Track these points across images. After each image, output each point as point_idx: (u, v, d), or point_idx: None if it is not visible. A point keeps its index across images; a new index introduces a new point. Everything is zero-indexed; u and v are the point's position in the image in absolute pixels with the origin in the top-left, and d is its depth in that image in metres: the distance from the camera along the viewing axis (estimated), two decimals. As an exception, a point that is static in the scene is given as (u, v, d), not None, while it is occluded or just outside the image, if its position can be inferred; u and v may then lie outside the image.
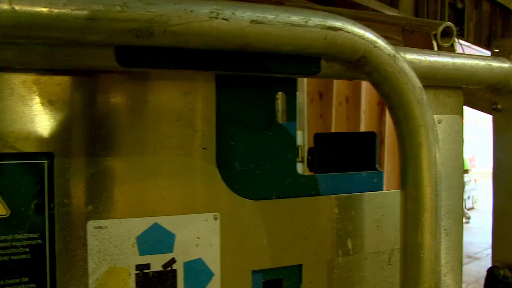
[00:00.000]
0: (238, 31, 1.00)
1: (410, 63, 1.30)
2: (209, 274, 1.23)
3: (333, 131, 9.61)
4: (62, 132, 1.10)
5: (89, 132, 1.13)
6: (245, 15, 1.00)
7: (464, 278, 6.56)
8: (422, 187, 1.17)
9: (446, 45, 1.66)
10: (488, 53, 8.50)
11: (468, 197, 15.78)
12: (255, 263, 1.28)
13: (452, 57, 1.42)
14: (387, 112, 11.11)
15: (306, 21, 1.04)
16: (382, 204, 1.44)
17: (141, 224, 1.17)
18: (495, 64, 1.51)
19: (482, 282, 5.92)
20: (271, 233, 1.29)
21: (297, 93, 3.37)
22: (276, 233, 1.30)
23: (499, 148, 1.65)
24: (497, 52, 1.61)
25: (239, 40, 1.01)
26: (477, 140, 21.24)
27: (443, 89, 1.53)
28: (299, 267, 1.34)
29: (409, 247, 1.19)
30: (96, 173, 1.14)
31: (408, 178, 1.19)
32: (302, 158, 3.82)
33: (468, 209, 15.56)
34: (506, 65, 1.53)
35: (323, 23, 1.06)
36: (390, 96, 1.16)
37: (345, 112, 9.91)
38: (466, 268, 8.75)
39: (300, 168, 3.65)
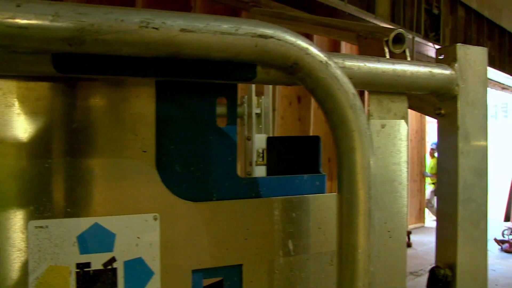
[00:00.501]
0: (168, 40, 1.03)
1: (349, 69, 1.35)
2: (149, 273, 1.26)
3: (311, 134, 9.66)
4: (1, 134, 1.13)
5: (30, 135, 1.16)
6: (175, 24, 1.03)
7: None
8: (356, 190, 1.21)
9: (397, 51, 1.69)
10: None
11: (444, 201, 15.85)
12: (195, 263, 1.31)
13: (393, 63, 1.46)
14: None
15: (237, 29, 1.08)
16: (323, 206, 1.49)
17: (82, 224, 1.20)
18: (437, 70, 1.55)
19: None
20: (211, 233, 1.33)
21: (263, 97, 3.41)
22: (216, 233, 1.34)
23: (442, 152, 1.69)
24: (442, 59, 1.66)
25: (169, 48, 1.05)
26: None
27: (386, 94, 1.56)
28: (239, 267, 1.37)
29: (344, 248, 1.23)
30: (37, 174, 1.17)
31: (343, 181, 1.23)
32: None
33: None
34: (447, 71, 1.58)
35: (254, 31, 1.10)
36: (324, 102, 1.20)
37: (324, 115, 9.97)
38: (442, 270, 8.81)
39: (264, 171, 3.68)
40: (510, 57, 11.60)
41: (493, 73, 11.50)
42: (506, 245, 11.03)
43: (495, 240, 11.37)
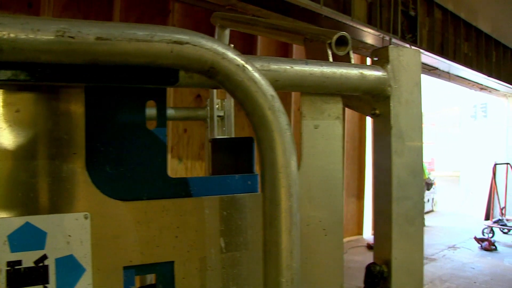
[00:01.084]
0: (84, 48, 1.08)
1: (276, 72, 1.40)
2: (81, 270, 1.31)
3: (291, 136, 9.70)
4: None
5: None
6: (91, 32, 1.08)
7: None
8: (277, 188, 1.25)
9: (341, 53, 1.73)
10: (441, 59, 8.62)
11: (428, 200, 16.01)
12: (126, 260, 1.36)
13: (321, 65, 1.52)
14: (345, 117, 11.13)
15: (152, 37, 1.13)
16: (254, 205, 1.53)
17: (13, 223, 1.24)
18: (368, 72, 1.61)
19: (437, 282, 6.17)
20: (141, 231, 1.38)
21: (225, 99, 3.45)
22: (147, 231, 1.39)
23: (377, 151, 1.74)
24: (376, 60, 1.71)
25: (86, 55, 1.10)
26: (435, 144, 21.56)
27: (320, 95, 1.62)
28: (171, 264, 1.42)
29: (268, 245, 1.27)
30: (-33, 176, 1.22)
31: (266, 180, 1.27)
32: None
33: (428, 212, 15.81)
34: (379, 73, 1.64)
35: (169, 38, 1.14)
36: (244, 104, 1.25)
37: (304, 117, 10.04)
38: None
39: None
40: (487, 58, 11.71)
41: (471, 74, 11.64)
42: (485, 243, 11.16)
43: (475, 238, 11.50)
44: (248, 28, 2.73)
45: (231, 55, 1.21)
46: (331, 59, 1.76)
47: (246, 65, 1.22)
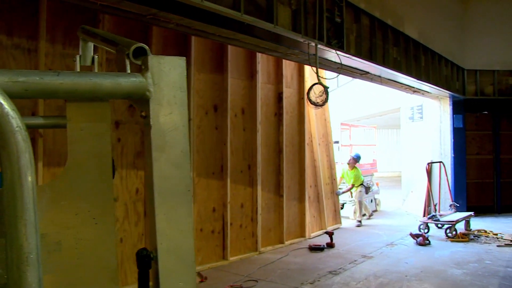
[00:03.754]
0: None
1: (25, 83, 1.59)
2: None
3: (229, 142, 9.88)
4: None
5: None
6: None
7: (356, 276, 7.06)
8: (11, 180, 1.43)
9: (139, 63, 1.93)
10: (370, 64, 8.78)
11: (371, 201, 16.26)
12: None
13: (73, 75, 1.72)
14: (284, 123, 11.29)
15: None
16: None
17: None
18: (124, 79, 1.81)
19: (371, 278, 6.54)
20: None
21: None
22: None
23: (145, 149, 1.95)
24: (144, 68, 1.89)
25: None
26: (378, 146, 21.88)
27: (87, 101, 1.84)
28: None
29: (7, 228, 1.44)
30: None
31: (3, 174, 1.44)
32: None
33: (373, 211, 16.11)
34: (136, 79, 1.83)
35: None
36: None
37: (242, 123, 10.25)
38: (360, 267, 9.16)
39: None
40: (416, 62, 12.01)
41: (402, 77, 11.95)
42: (420, 239, 11.48)
43: (411, 234, 11.82)
44: (95, 41, 2.94)
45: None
46: (128, 69, 1.97)
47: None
